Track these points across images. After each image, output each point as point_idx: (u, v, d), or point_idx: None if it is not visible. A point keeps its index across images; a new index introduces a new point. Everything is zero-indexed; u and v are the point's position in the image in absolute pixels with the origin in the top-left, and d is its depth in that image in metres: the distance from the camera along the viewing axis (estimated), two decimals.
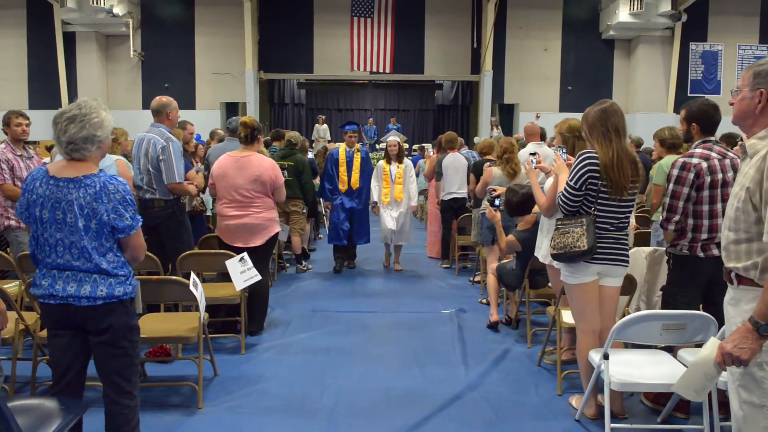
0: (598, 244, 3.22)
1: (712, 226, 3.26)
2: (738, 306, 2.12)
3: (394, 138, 7.49)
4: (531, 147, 6.90)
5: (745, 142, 2.14)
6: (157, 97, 4.80)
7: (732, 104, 2.20)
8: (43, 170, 2.53)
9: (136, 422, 2.66)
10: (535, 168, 3.86)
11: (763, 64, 2.11)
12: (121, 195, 2.49)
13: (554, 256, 3.35)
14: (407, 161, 7.40)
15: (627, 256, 3.35)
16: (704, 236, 3.26)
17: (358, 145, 7.34)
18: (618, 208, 3.25)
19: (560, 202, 3.29)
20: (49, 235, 2.48)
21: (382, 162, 7.32)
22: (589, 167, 3.19)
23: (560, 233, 3.28)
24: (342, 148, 7.30)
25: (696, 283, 3.33)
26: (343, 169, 7.16)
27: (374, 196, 7.26)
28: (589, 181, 3.19)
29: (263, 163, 4.74)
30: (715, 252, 3.24)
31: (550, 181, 3.88)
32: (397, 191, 7.22)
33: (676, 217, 3.29)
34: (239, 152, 4.83)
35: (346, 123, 7.46)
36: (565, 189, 3.27)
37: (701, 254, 3.27)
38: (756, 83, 2.10)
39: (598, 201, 3.22)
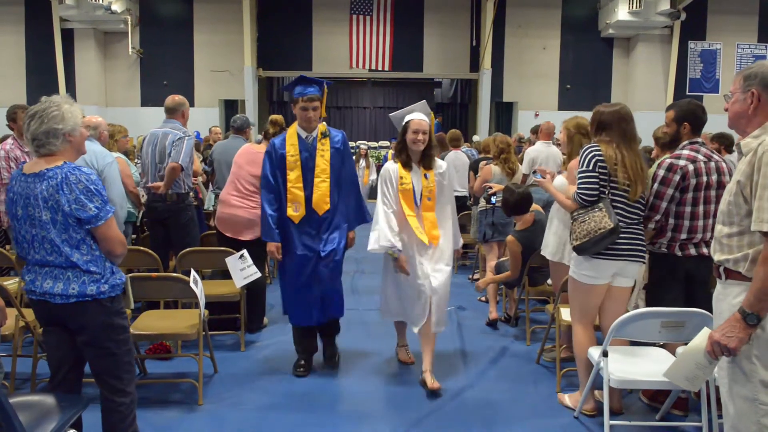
0: (617, 240, 3.19)
1: (693, 227, 3.29)
2: (726, 300, 2.15)
3: (419, 117, 3.78)
4: (539, 146, 6.93)
5: (740, 142, 2.18)
6: (171, 96, 4.90)
7: (727, 109, 2.26)
8: (19, 169, 2.56)
9: (132, 419, 2.67)
10: (541, 178, 3.76)
11: (752, 68, 2.19)
12: (84, 185, 2.44)
13: (578, 248, 3.25)
14: (441, 163, 3.91)
15: (644, 251, 3.33)
16: (683, 236, 3.29)
17: (324, 126, 3.95)
18: (630, 201, 3.26)
19: (579, 193, 3.23)
20: (25, 231, 2.50)
21: (394, 166, 3.83)
22: (594, 152, 3.22)
23: (579, 222, 3.22)
24: (291, 132, 3.91)
25: (676, 279, 3.35)
26: (294, 175, 3.82)
27: (386, 236, 3.66)
28: (599, 164, 3.20)
29: None
30: (692, 251, 3.29)
31: (559, 180, 3.86)
32: (427, 226, 3.77)
33: (657, 216, 3.31)
34: (260, 147, 4.85)
35: (297, 80, 3.89)
36: (579, 179, 3.24)
37: (679, 253, 3.31)
38: (747, 85, 2.17)
39: (611, 185, 3.23)
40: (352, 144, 15.11)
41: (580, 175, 3.27)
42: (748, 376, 2.05)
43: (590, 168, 3.21)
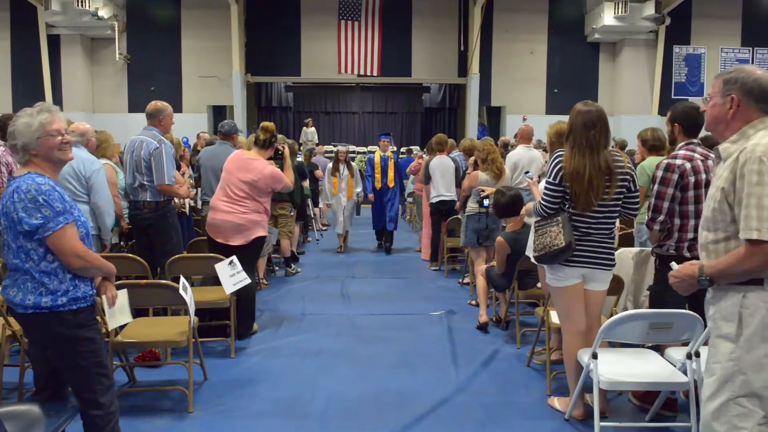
0: (579, 247, 3.26)
1: (698, 225, 3.31)
2: (716, 304, 2.18)
3: None
4: (520, 150, 6.98)
5: (719, 147, 2.20)
6: (153, 102, 4.86)
7: (704, 111, 2.28)
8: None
9: (110, 429, 2.61)
10: (532, 179, 3.89)
11: (732, 72, 2.20)
12: (33, 195, 2.40)
13: (537, 259, 3.39)
14: None
15: (611, 259, 3.37)
16: (690, 236, 3.32)
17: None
18: (596, 210, 3.26)
19: (542, 202, 3.33)
20: (4, 236, 2.54)
21: None
22: (559, 163, 3.26)
23: (539, 234, 3.34)
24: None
25: None
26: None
27: None
28: (564, 176, 3.24)
29: (264, 171, 4.77)
30: None
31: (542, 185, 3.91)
32: None
33: (661, 217, 3.34)
34: (250, 153, 4.90)
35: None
36: (545, 188, 3.32)
37: (687, 254, 3.32)
38: (726, 89, 2.17)
39: (571, 202, 3.26)
40: (329, 148, 14.48)
41: (546, 186, 3.33)
42: (731, 377, 2.07)
43: (556, 181, 3.25)
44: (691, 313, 2.97)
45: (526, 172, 3.98)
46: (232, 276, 4.24)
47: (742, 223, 2.03)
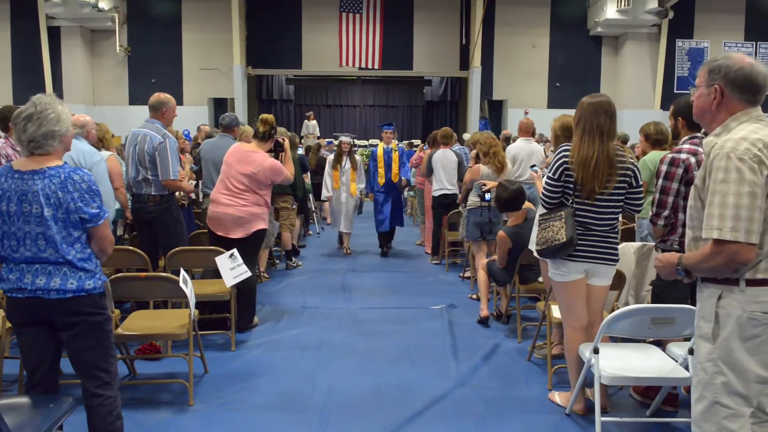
0: (583, 242, 3.24)
1: None
2: (699, 302, 2.18)
3: None
4: (520, 143, 6.96)
5: (704, 140, 2.18)
6: (156, 94, 4.84)
7: (693, 102, 2.24)
8: (8, 166, 2.57)
9: (118, 412, 2.67)
10: (537, 172, 3.94)
11: (717, 60, 2.14)
12: (87, 185, 2.53)
13: (539, 252, 3.39)
14: None
15: (614, 254, 3.36)
16: None
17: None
18: (599, 205, 3.26)
19: (542, 196, 3.37)
20: (17, 228, 2.50)
21: None
22: (563, 158, 3.26)
23: (542, 228, 3.34)
24: None
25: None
26: None
27: None
28: (566, 172, 3.24)
29: (264, 163, 4.75)
30: None
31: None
32: None
33: (666, 212, 3.32)
34: (250, 146, 4.90)
35: None
36: (545, 182, 3.36)
37: None
38: (711, 79, 2.12)
39: (576, 194, 3.25)
40: (330, 140, 14.53)
41: (546, 180, 3.35)
42: (711, 379, 2.06)
43: (555, 176, 3.28)
44: (693, 308, 2.95)
45: (532, 166, 4.01)
46: (232, 269, 4.23)
47: (704, 221, 2.02)
